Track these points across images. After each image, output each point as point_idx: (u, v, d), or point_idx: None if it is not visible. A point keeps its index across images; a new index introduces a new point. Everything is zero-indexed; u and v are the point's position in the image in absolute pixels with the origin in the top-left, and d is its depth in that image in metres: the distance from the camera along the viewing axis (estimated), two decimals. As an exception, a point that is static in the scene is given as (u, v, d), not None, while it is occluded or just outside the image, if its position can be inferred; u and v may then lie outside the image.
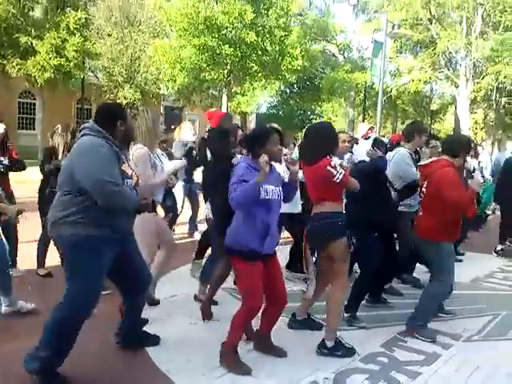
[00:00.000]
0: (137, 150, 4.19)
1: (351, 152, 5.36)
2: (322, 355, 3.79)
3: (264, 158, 3.36)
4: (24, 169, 5.61)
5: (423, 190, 4.45)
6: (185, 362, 3.60)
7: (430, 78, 25.44)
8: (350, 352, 3.82)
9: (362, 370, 3.60)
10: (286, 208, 4.05)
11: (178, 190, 7.05)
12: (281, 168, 4.16)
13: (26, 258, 5.56)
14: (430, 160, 4.64)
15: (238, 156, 4.64)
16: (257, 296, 3.49)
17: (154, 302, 4.62)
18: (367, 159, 4.72)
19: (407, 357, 3.87)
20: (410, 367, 3.69)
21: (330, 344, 3.79)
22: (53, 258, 5.24)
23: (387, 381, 3.47)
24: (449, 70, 25.67)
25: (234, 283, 5.24)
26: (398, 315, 4.75)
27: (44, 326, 3.18)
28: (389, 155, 5.51)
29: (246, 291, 3.55)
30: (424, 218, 4.40)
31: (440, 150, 4.86)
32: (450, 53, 25.06)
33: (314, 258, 4.13)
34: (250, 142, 3.69)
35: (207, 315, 4.39)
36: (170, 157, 6.14)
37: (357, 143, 5.79)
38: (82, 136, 3.23)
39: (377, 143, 5.03)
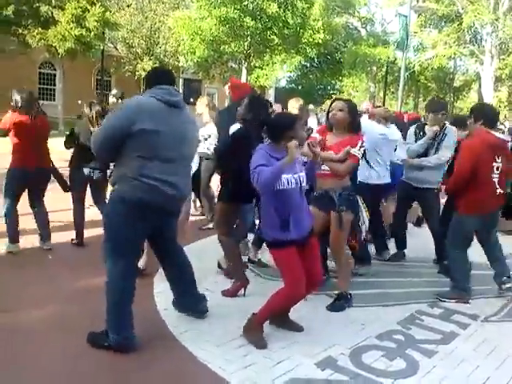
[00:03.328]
0: None
1: None
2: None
3: (294, 142, 3.26)
4: None
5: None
6: (201, 333, 3.63)
7: (455, 53, 24.88)
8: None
9: (377, 347, 3.59)
10: None
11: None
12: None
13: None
14: None
15: None
16: (297, 282, 3.41)
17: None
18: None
19: (424, 335, 3.84)
20: (427, 345, 3.67)
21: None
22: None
23: (403, 358, 3.46)
24: (474, 45, 25.07)
25: (249, 260, 5.27)
26: (416, 293, 4.74)
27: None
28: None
29: (286, 277, 3.49)
30: None
31: None
32: (476, 28, 24.41)
33: None
34: (274, 130, 3.54)
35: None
36: None
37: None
38: None
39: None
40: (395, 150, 5.90)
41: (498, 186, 4.56)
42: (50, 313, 3.82)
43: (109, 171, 5.13)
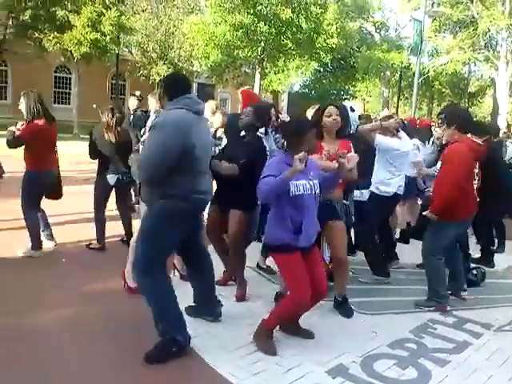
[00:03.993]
0: None
1: None
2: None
3: (302, 154, 3.23)
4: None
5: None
6: (212, 338, 3.63)
7: (469, 59, 24.69)
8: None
9: (389, 356, 3.57)
10: None
11: None
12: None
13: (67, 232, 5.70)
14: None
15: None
16: (301, 287, 3.39)
17: (186, 279, 4.69)
18: None
19: (436, 344, 3.81)
20: (439, 354, 3.64)
21: None
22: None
23: (415, 367, 3.43)
24: (489, 51, 24.85)
25: (257, 266, 5.28)
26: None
27: None
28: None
29: (289, 283, 3.51)
30: None
31: None
32: (491, 33, 24.21)
33: None
34: (289, 135, 3.53)
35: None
36: None
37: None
38: None
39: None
40: None
41: (475, 193, 4.59)
42: (65, 315, 3.85)
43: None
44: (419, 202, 6.79)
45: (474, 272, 5.28)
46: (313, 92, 33.86)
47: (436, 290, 4.54)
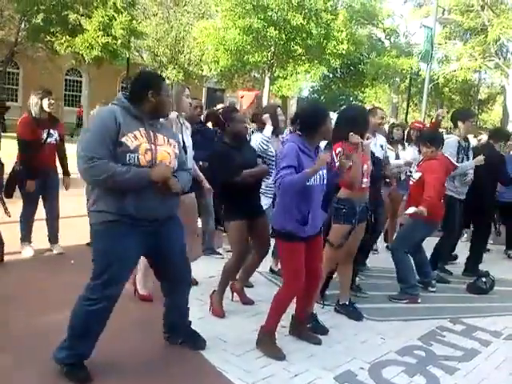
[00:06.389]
0: None
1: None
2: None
3: (327, 156, 3.31)
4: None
5: None
6: (219, 342, 3.62)
7: (480, 66, 24.61)
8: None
9: (397, 362, 3.56)
10: None
11: None
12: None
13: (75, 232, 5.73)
14: None
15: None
16: (298, 276, 3.44)
17: (192, 283, 4.69)
18: None
19: (445, 352, 3.79)
20: (448, 362, 3.62)
21: None
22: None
23: (423, 374, 3.41)
24: (499, 58, 24.77)
25: (270, 270, 5.28)
26: (437, 309, 4.69)
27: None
28: None
29: (287, 270, 3.51)
30: None
31: None
32: (502, 41, 24.13)
33: None
34: (308, 120, 3.46)
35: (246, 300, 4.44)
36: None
37: None
38: None
39: None
40: None
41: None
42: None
43: None
44: None
45: (484, 280, 5.26)
46: (322, 98, 33.84)
47: (407, 281, 4.85)
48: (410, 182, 5.18)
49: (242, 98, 5.71)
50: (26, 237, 5.32)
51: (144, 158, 2.89)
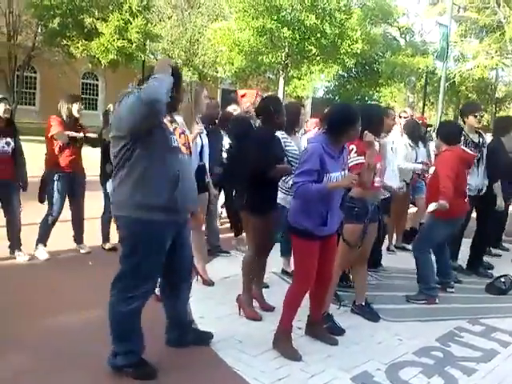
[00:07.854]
0: None
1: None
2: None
3: (355, 177, 3.29)
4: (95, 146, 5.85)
5: None
6: (235, 343, 3.63)
7: (497, 64, 24.31)
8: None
9: (415, 363, 3.52)
10: None
11: None
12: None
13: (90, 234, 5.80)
14: None
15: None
16: (308, 274, 3.44)
17: (208, 283, 4.72)
18: None
19: (463, 352, 3.75)
20: (466, 363, 3.57)
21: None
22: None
23: (441, 376, 3.38)
24: (517, 56, 24.44)
25: (282, 271, 5.27)
26: (456, 309, 4.64)
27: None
28: None
29: (299, 269, 3.50)
30: None
31: None
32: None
33: None
34: (338, 122, 3.38)
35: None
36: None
37: None
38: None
39: None
40: None
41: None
42: (95, 316, 3.87)
43: None
44: None
45: (503, 280, 5.20)
46: (336, 98, 33.73)
47: (427, 282, 4.76)
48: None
49: (242, 96, 5.71)
50: (43, 239, 5.39)
51: (179, 140, 3.10)
